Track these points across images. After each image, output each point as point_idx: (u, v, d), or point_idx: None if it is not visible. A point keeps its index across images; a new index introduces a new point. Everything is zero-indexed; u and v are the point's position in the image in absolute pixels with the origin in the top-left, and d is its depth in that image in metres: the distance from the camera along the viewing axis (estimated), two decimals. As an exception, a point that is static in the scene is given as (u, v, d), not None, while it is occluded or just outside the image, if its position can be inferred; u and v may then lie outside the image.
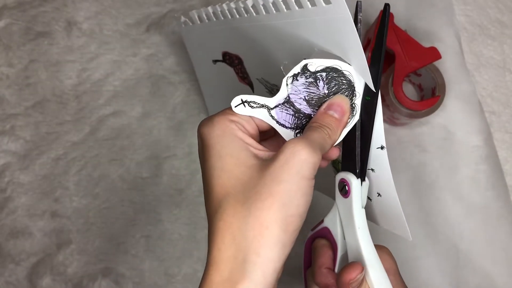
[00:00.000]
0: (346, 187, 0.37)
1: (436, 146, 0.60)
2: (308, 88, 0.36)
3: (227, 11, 0.44)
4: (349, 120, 0.36)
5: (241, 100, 0.34)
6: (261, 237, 0.29)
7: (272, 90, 0.50)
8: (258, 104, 0.35)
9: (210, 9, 0.48)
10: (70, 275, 0.59)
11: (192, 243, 0.60)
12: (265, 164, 0.31)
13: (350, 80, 0.35)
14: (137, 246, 0.60)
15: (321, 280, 0.38)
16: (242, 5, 0.41)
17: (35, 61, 0.64)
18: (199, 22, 0.55)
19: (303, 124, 0.36)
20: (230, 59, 0.53)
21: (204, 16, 0.52)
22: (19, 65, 0.64)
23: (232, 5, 0.42)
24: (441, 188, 0.59)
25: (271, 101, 0.35)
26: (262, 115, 0.35)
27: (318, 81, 0.35)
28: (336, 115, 0.34)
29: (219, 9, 0.46)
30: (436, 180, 0.59)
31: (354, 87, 0.36)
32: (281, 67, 0.39)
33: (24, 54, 0.64)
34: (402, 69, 0.55)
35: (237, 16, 0.43)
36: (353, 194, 0.37)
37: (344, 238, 0.38)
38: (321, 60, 0.35)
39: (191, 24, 0.56)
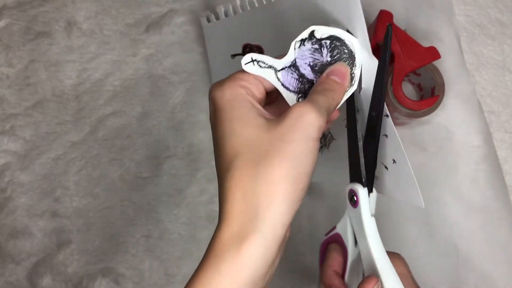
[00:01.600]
0: (355, 197, 0.38)
1: (435, 146, 0.60)
2: (313, 54, 0.37)
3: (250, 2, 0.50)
4: (348, 89, 0.37)
5: (251, 58, 0.36)
6: (271, 193, 0.31)
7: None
8: (266, 64, 0.36)
9: (237, 1, 0.53)
10: (70, 275, 0.59)
11: (192, 243, 0.60)
12: (272, 125, 0.33)
13: (351, 50, 0.37)
14: (137, 246, 0.60)
15: (326, 281, 0.39)
16: None
17: (35, 61, 0.64)
18: (224, 16, 0.58)
19: (305, 89, 0.37)
20: (250, 50, 0.56)
21: (231, 10, 0.56)
22: (19, 65, 0.64)
23: None
24: (441, 188, 0.59)
25: (278, 63, 0.37)
26: (268, 75, 0.36)
27: (322, 48, 0.37)
28: (337, 79, 0.36)
29: (246, 1, 0.51)
30: (436, 180, 0.59)
31: (355, 57, 0.37)
32: None
33: (24, 54, 0.64)
34: (402, 68, 0.55)
35: (264, 2, 0.48)
36: (362, 204, 0.38)
37: (356, 245, 0.40)
38: (327, 28, 0.36)
39: (215, 20, 0.59)
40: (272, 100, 0.39)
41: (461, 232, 0.58)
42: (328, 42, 0.37)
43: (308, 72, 0.37)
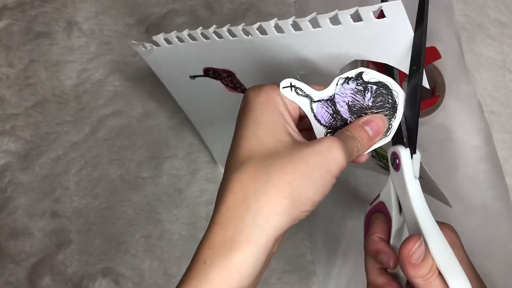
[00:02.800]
0: (397, 160, 0.37)
1: (436, 146, 0.60)
2: (354, 95, 0.36)
3: (215, 34, 0.42)
4: (380, 139, 0.36)
5: (290, 83, 0.35)
6: (274, 204, 0.30)
7: None
8: (304, 93, 0.35)
9: (185, 33, 0.44)
10: (70, 275, 0.59)
11: (192, 243, 0.60)
12: (297, 145, 0.32)
13: (395, 101, 0.36)
14: (137, 246, 0.60)
15: (371, 247, 0.39)
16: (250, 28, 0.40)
17: (35, 61, 0.64)
18: (167, 45, 0.49)
19: (336, 126, 0.37)
20: (215, 73, 0.51)
21: (175, 39, 0.47)
22: (19, 65, 0.64)
23: (224, 29, 0.41)
24: (441, 188, 0.59)
25: (316, 94, 0.36)
26: (303, 104, 0.36)
27: (366, 92, 0.36)
28: (370, 133, 0.35)
29: (199, 32, 0.43)
30: (436, 180, 0.59)
31: (397, 109, 0.36)
32: (297, 76, 0.39)
33: (24, 54, 0.64)
34: (402, 69, 0.55)
35: (230, 38, 0.41)
36: (404, 166, 0.36)
37: (400, 213, 0.38)
38: (377, 73, 0.36)
39: (155, 47, 0.50)
40: (304, 127, 0.38)
41: (461, 232, 0.58)
42: (374, 87, 0.36)
43: (344, 111, 0.36)
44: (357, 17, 0.35)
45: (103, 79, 0.63)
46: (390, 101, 0.36)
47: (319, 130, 0.37)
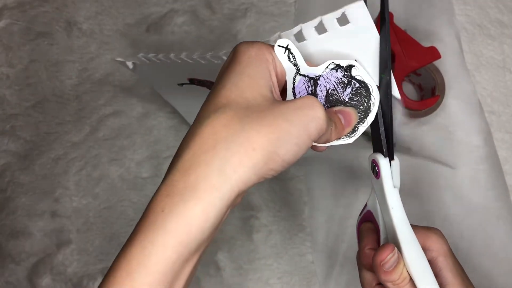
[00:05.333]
0: (376, 168, 0.37)
1: (436, 146, 0.60)
2: (337, 85, 0.36)
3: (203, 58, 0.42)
4: (344, 136, 0.36)
5: (287, 45, 0.33)
6: (245, 155, 0.28)
7: None
8: (295, 60, 0.34)
9: (172, 56, 0.44)
10: (70, 275, 0.59)
11: (192, 243, 0.60)
12: (279, 102, 0.30)
13: (369, 107, 0.36)
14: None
15: (363, 261, 0.39)
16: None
17: (35, 61, 0.64)
18: (148, 62, 0.49)
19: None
20: (200, 82, 0.51)
21: (158, 60, 0.47)
22: (20, 65, 0.64)
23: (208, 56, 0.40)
24: (441, 188, 0.59)
25: (305, 68, 0.35)
26: (289, 71, 0.34)
27: (348, 86, 0.36)
28: (343, 121, 0.35)
29: (184, 57, 0.43)
30: (436, 180, 0.59)
31: (368, 115, 0.36)
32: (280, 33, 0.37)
33: (24, 54, 0.64)
34: (402, 69, 0.55)
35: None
36: (383, 174, 0.37)
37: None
38: (365, 72, 0.35)
39: (139, 64, 0.50)
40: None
41: (461, 232, 0.58)
42: (357, 85, 0.36)
43: (321, 96, 0.36)
44: (322, 29, 0.34)
45: (103, 79, 0.63)
46: (365, 104, 0.36)
47: None
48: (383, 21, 0.36)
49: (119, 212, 0.61)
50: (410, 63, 0.55)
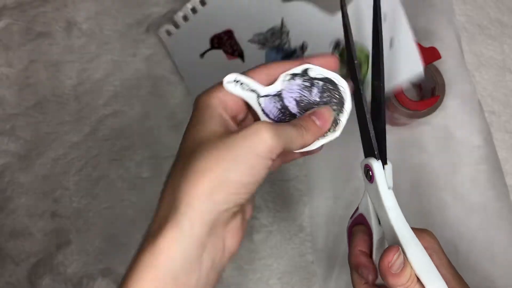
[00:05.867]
0: (370, 172, 0.38)
1: (436, 146, 0.60)
2: (301, 91, 0.37)
3: None
4: (328, 133, 0.37)
5: (235, 79, 0.35)
6: (194, 189, 0.31)
7: (266, 39, 0.56)
8: (249, 87, 0.36)
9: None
10: (70, 275, 0.59)
11: (192, 243, 0.60)
12: (230, 134, 0.33)
13: (342, 97, 0.37)
14: (137, 246, 0.60)
15: (353, 260, 0.40)
16: None
17: (35, 61, 0.64)
18: (184, 22, 0.61)
19: (285, 120, 0.37)
20: (219, 40, 0.59)
21: (189, 11, 0.59)
22: (19, 65, 0.64)
23: None
24: (441, 188, 0.59)
25: (262, 89, 0.36)
26: (250, 98, 0.36)
27: (313, 87, 0.37)
28: (317, 122, 0.36)
29: None
30: (436, 180, 0.59)
31: (344, 104, 0.37)
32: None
33: (24, 54, 0.64)
34: (402, 69, 0.55)
35: None
36: (377, 177, 0.37)
37: (380, 223, 0.39)
38: (322, 69, 0.36)
39: (176, 29, 0.61)
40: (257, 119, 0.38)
41: (461, 233, 0.58)
42: (321, 83, 0.37)
43: (292, 106, 0.37)
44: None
45: (103, 79, 0.63)
46: (337, 96, 0.37)
47: None
48: (375, 29, 0.37)
49: (119, 212, 0.61)
50: (410, 63, 0.55)
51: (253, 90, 0.36)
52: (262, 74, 0.36)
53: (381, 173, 0.37)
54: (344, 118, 0.37)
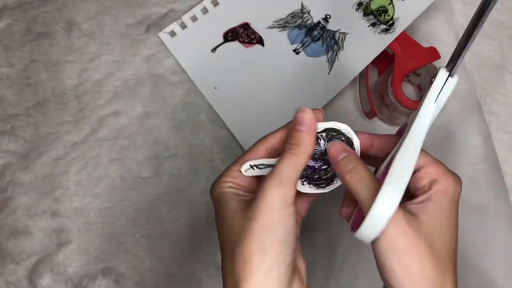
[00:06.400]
0: (433, 79, 0.37)
1: (435, 146, 0.60)
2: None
3: None
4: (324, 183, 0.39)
5: (250, 165, 0.39)
6: (246, 269, 0.33)
7: (287, 22, 0.60)
8: (265, 165, 0.39)
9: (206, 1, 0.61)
10: (70, 274, 0.59)
11: (192, 243, 0.60)
12: (247, 205, 0.36)
13: (348, 137, 0.39)
14: (138, 246, 0.60)
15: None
16: None
17: (35, 62, 0.64)
18: (192, 22, 0.63)
19: (308, 174, 0.39)
20: (233, 33, 0.62)
21: (199, 13, 0.61)
22: (20, 65, 0.64)
23: None
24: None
25: (272, 162, 0.39)
26: (266, 172, 0.39)
27: (319, 140, 0.39)
28: (301, 128, 0.38)
29: None
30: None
31: (353, 142, 0.39)
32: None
33: (24, 55, 0.64)
34: (402, 69, 0.55)
35: None
36: (434, 84, 0.36)
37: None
38: (321, 123, 0.39)
39: (181, 29, 0.63)
40: None
41: (460, 232, 0.58)
42: (324, 134, 0.39)
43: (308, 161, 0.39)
44: None
45: (103, 79, 0.63)
46: (343, 138, 0.39)
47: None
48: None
49: (120, 212, 0.61)
50: (410, 63, 0.56)
51: (269, 166, 0.39)
52: (260, 150, 0.39)
53: (439, 83, 0.36)
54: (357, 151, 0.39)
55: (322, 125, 0.39)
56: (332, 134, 0.39)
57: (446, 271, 0.34)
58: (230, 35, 0.62)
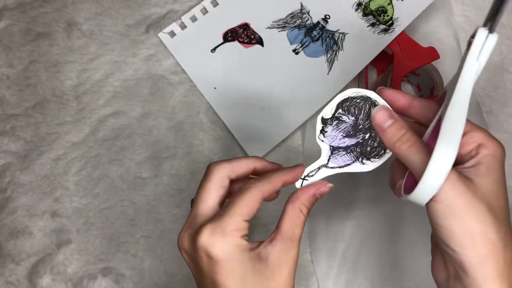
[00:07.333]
0: (472, 39, 0.36)
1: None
2: (338, 128, 0.40)
3: None
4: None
5: (301, 178, 0.40)
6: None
7: (287, 22, 0.61)
8: (315, 169, 0.40)
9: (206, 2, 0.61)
10: (70, 274, 0.59)
11: (192, 243, 0.60)
12: (258, 263, 0.36)
13: (362, 96, 0.39)
14: (137, 246, 0.60)
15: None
16: None
17: (35, 62, 0.64)
18: (192, 22, 0.63)
19: (359, 151, 0.40)
20: (232, 34, 0.62)
21: (199, 13, 0.61)
22: (19, 65, 0.64)
23: None
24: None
25: (322, 160, 0.40)
26: (324, 174, 0.40)
27: (341, 118, 0.40)
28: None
29: None
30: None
31: (370, 97, 0.39)
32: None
33: (24, 55, 0.64)
34: (401, 69, 0.55)
35: None
36: (474, 44, 0.35)
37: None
38: (329, 105, 0.40)
39: (181, 30, 0.63)
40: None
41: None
42: (340, 110, 0.39)
43: (348, 141, 0.40)
44: None
45: (103, 79, 0.63)
46: (358, 100, 0.40)
47: (356, 167, 0.41)
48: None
49: (119, 212, 0.61)
50: (409, 63, 0.56)
51: (319, 168, 0.40)
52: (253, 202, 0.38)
53: (480, 41, 0.35)
54: (382, 101, 0.39)
55: (330, 106, 0.39)
56: (347, 105, 0.39)
57: (507, 234, 0.34)
58: (230, 36, 0.62)
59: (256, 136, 0.60)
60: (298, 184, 0.40)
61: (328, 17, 0.59)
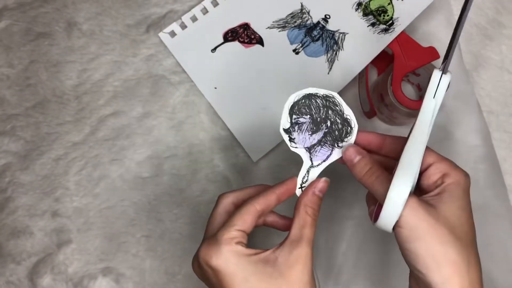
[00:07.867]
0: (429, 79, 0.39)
1: (435, 146, 0.60)
2: (301, 130, 0.43)
3: None
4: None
5: (299, 188, 0.43)
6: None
7: (287, 22, 0.61)
8: (306, 174, 0.42)
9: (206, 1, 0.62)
10: (70, 274, 0.59)
11: (192, 243, 0.60)
12: (265, 263, 0.38)
13: (303, 95, 0.43)
14: (138, 246, 0.60)
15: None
16: None
17: (35, 62, 0.64)
18: (192, 22, 0.63)
19: (330, 138, 0.42)
20: (233, 33, 0.62)
21: (199, 12, 0.62)
22: (20, 65, 0.64)
23: None
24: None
25: (307, 162, 0.43)
26: (315, 173, 0.43)
27: (298, 121, 0.43)
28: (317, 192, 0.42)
29: None
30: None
31: (310, 93, 0.43)
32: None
33: (24, 55, 0.64)
34: (401, 68, 0.56)
35: None
36: (430, 84, 0.39)
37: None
38: (282, 117, 0.43)
39: (181, 30, 0.63)
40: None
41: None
42: (294, 116, 0.43)
43: (317, 136, 0.42)
44: None
45: (103, 79, 0.63)
46: (317, 101, 0.43)
47: (339, 153, 0.43)
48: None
49: (120, 212, 0.61)
50: (409, 63, 0.56)
51: (308, 171, 0.43)
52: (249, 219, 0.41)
53: (435, 81, 0.39)
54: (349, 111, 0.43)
55: (284, 114, 0.42)
56: (302, 102, 0.42)
57: (470, 256, 0.35)
58: (230, 35, 0.62)
59: (256, 136, 0.60)
60: (298, 193, 0.42)
61: (328, 17, 0.59)
